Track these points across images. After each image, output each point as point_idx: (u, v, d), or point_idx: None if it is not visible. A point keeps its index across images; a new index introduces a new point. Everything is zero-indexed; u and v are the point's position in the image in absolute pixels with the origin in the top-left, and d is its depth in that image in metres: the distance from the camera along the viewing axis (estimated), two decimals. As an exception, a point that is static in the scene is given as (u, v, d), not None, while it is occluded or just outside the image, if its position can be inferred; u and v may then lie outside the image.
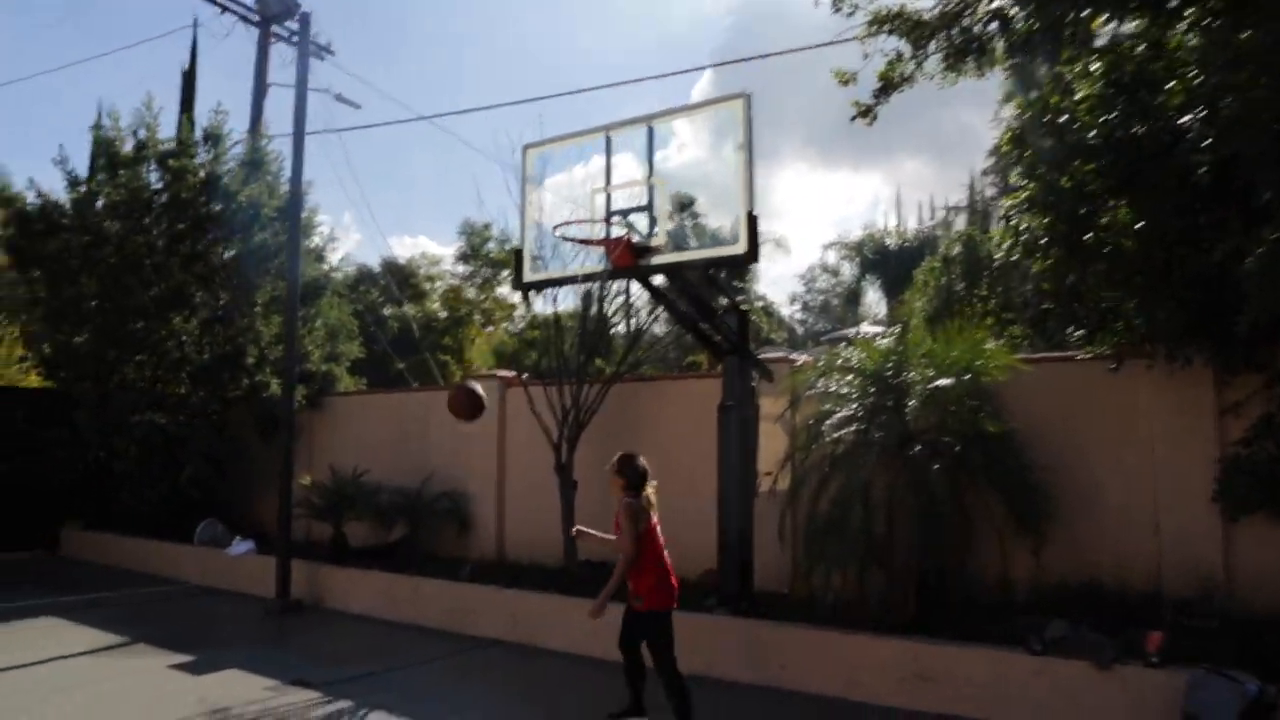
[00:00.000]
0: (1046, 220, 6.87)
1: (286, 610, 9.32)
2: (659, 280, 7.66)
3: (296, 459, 12.95)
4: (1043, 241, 6.96)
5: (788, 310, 37.33)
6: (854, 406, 7.40)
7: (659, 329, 14.69)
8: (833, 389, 7.53)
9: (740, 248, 6.38)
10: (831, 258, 38.08)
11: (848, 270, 37.59)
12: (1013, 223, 7.37)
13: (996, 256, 11.06)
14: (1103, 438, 7.56)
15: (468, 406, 7.28)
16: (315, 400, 12.91)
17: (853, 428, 7.33)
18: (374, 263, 29.54)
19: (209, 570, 11.01)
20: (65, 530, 13.29)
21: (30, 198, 12.66)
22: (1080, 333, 6.90)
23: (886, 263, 34.21)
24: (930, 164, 60.16)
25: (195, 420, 12.16)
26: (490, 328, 30.52)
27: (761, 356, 8.66)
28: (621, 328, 9.79)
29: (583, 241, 6.86)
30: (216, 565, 10.92)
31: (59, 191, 12.90)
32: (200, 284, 12.62)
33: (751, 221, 6.42)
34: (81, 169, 13.06)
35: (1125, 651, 5.79)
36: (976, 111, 59.06)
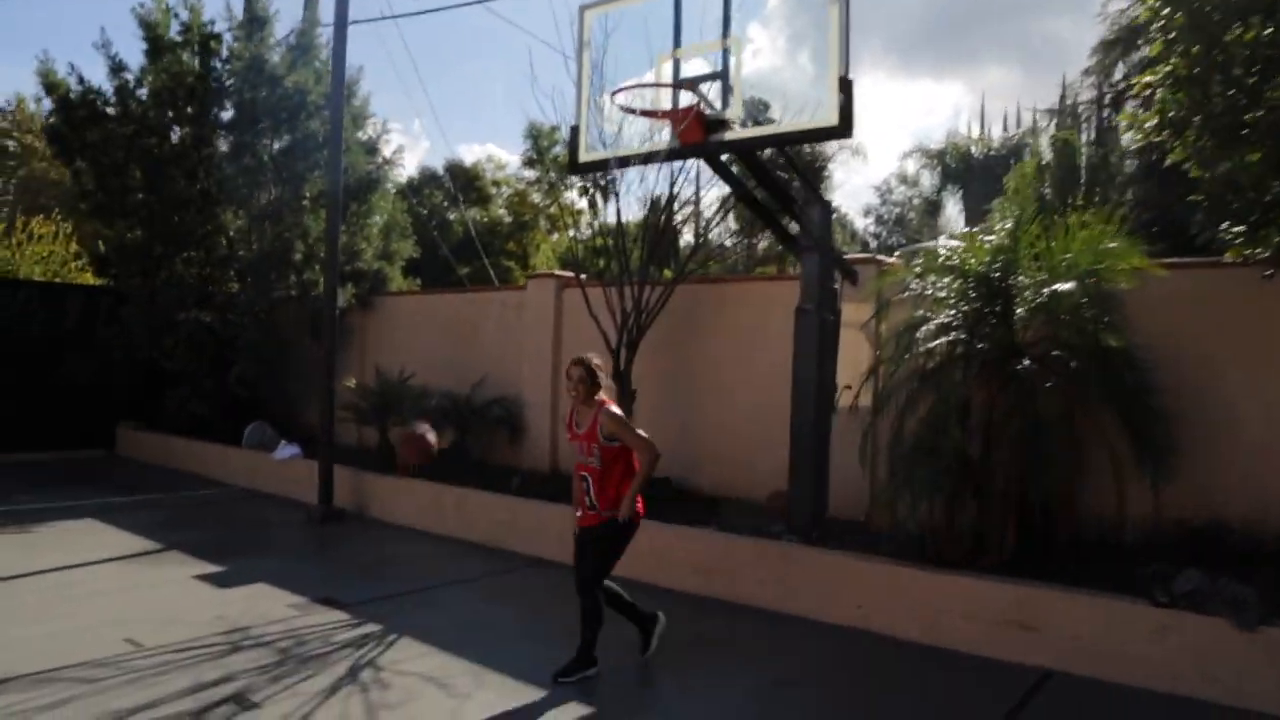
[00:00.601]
0: (1194, 96, 5.68)
1: (328, 519, 8.88)
2: (729, 163, 6.67)
3: (347, 361, 12.53)
4: (1195, 120, 5.77)
5: (861, 223, 35.65)
6: (952, 313, 6.41)
7: (727, 229, 13.64)
8: (928, 292, 6.53)
9: (831, 118, 5.33)
10: (910, 167, 36.05)
11: (927, 180, 35.61)
12: (1156, 101, 6.15)
13: (1133, 140, 9.74)
14: (1244, 359, 6.46)
15: (415, 454, 6.31)
16: (366, 300, 12.34)
17: (950, 337, 6.35)
18: (439, 168, 28.86)
19: (256, 474, 10.66)
20: (121, 430, 13.14)
21: (72, 84, 12.07)
22: (1237, 228, 5.74)
23: (970, 173, 32.23)
24: (1016, 73, 56.46)
25: (243, 319, 11.70)
26: (556, 234, 29.75)
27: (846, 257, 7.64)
28: (687, 233, 8.86)
29: (644, 114, 5.88)
30: (263, 469, 10.56)
31: (102, 79, 12.34)
32: (248, 176, 12.01)
33: (845, 88, 5.35)
34: (129, 56, 12.44)
35: (1275, 611, 4.86)
36: (1066, 19, 54.84)
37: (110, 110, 12.15)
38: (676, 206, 8.64)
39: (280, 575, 6.83)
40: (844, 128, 5.28)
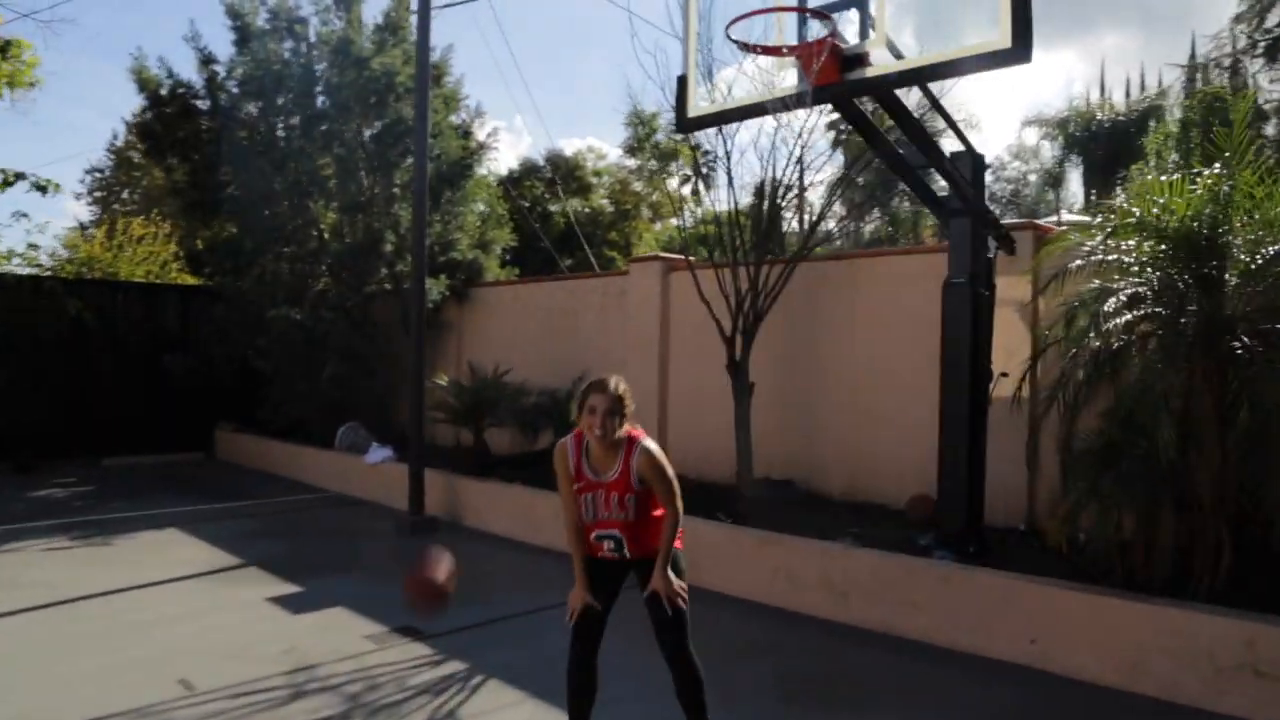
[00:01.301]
0: None
1: (419, 529, 8.20)
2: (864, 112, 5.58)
3: (442, 357, 11.91)
4: None
5: None
6: (1143, 281, 5.19)
7: (835, 213, 12.47)
8: (1112, 258, 5.32)
9: (1002, 40, 4.18)
10: (1030, 137, 33.63)
11: (1048, 151, 33.13)
12: None
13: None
14: None
15: (424, 599, 4.36)
16: (460, 292, 11.70)
17: (1141, 310, 5.14)
18: (539, 159, 28.33)
19: (349, 478, 10.12)
20: (219, 433, 12.90)
21: (163, 79, 11.80)
22: None
23: (1095, 141, 29.81)
24: (1136, 37, 52.45)
25: (335, 316, 11.19)
26: (659, 223, 28.87)
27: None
28: (791, 221, 7.71)
29: (765, 51, 4.84)
30: (355, 473, 10.00)
31: (193, 73, 12.04)
32: (338, 165, 11.51)
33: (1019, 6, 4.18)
34: (218, 48, 12.10)
35: None
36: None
37: (200, 104, 11.86)
38: (787, 184, 7.57)
39: (360, 598, 6.12)
40: (1021, 48, 4.12)
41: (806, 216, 8.27)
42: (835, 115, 7.74)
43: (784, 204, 7.51)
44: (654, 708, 4.28)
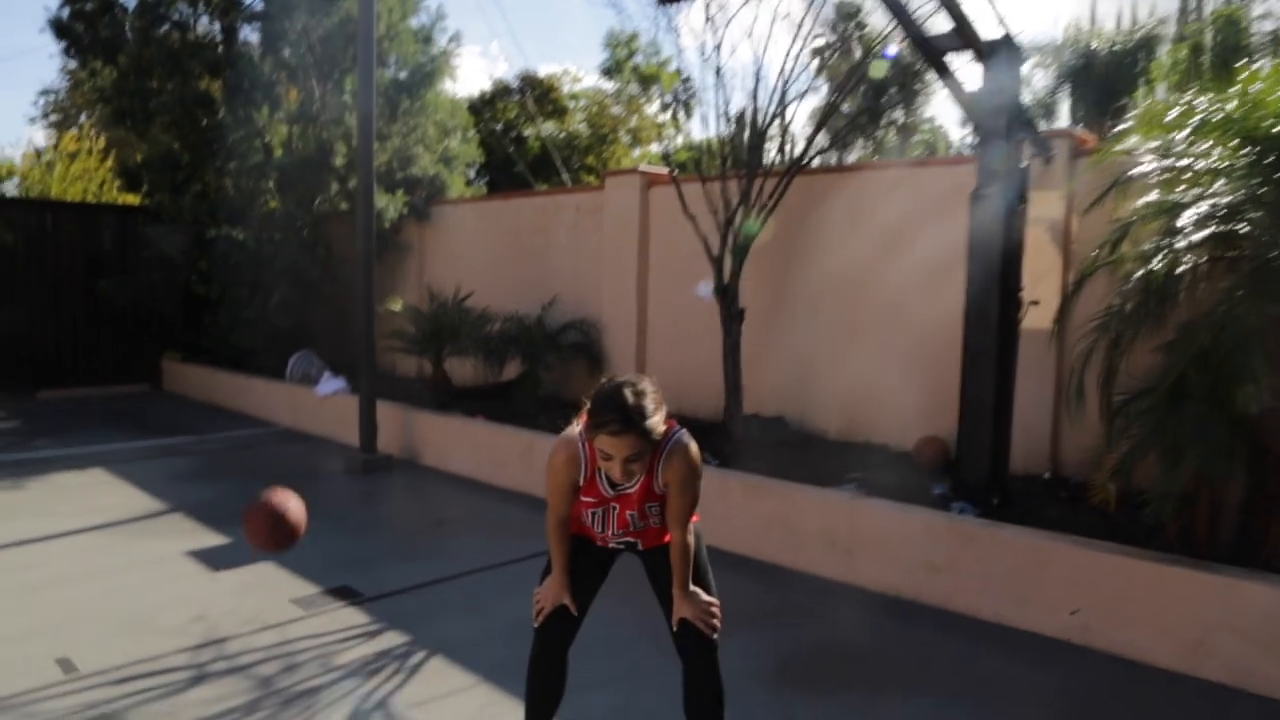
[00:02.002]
0: None
1: (371, 468, 7.41)
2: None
3: (404, 281, 10.99)
4: None
5: (957, 135, 32.34)
6: (1230, 190, 4.34)
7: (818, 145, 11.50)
8: (1180, 165, 4.46)
9: None
10: (1023, 67, 32.23)
11: (1040, 81, 31.88)
12: None
13: None
14: None
15: (269, 535, 3.61)
16: (421, 211, 10.72)
17: (1208, 230, 4.30)
18: (514, 81, 26.91)
19: (299, 411, 9.28)
20: (166, 363, 11.96)
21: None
22: None
23: (1089, 70, 28.64)
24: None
25: (283, 237, 10.21)
26: (638, 149, 27.71)
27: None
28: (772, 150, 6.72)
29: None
30: (306, 406, 9.17)
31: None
32: (283, 70, 10.40)
33: None
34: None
35: None
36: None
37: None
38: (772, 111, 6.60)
39: (295, 550, 5.33)
40: None
41: (791, 143, 7.27)
42: (821, 41, 6.80)
43: (775, 118, 6.56)
44: (651, 691, 3.56)
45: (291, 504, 3.81)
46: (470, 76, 43.10)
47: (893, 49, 7.40)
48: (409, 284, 10.77)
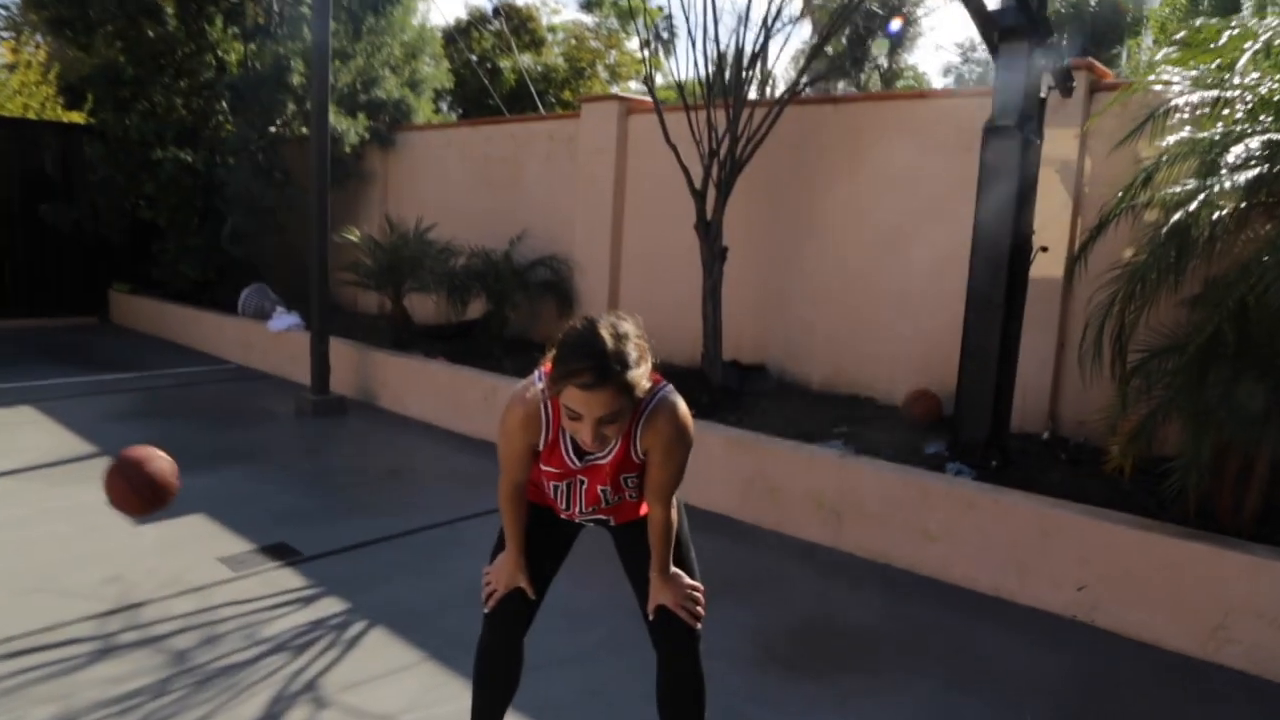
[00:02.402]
0: None
1: (323, 410, 6.92)
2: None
3: (366, 211, 10.36)
4: None
5: (940, 84, 31.57)
6: (1260, 130, 3.88)
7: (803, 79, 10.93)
8: (1225, 95, 3.97)
9: None
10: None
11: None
12: None
13: None
14: None
15: (134, 497, 3.11)
16: (385, 136, 10.06)
17: (1253, 172, 3.83)
18: (489, 9, 25.83)
19: (251, 348, 8.74)
20: (114, 295, 11.30)
21: None
22: None
23: (1080, 19, 27.92)
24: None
25: (235, 161, 9.52)
26: (616, 85, 26.85)
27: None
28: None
29: None
30: (258, 342, 8.63)
31: None
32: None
33: None
34: None
35: None
36: None
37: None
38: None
39: (231, 501, 4.89)
40: None
41: (772, 84, 6.69)
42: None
43: (758, 58, 6.00)
44: (621, 671, 3.16)
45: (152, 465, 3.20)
46: (446, 4, 41.54)
47: (895, 24, 6.86)
48: (372, 215, 10.15)
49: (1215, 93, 3.89)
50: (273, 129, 9.66)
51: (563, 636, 3.45)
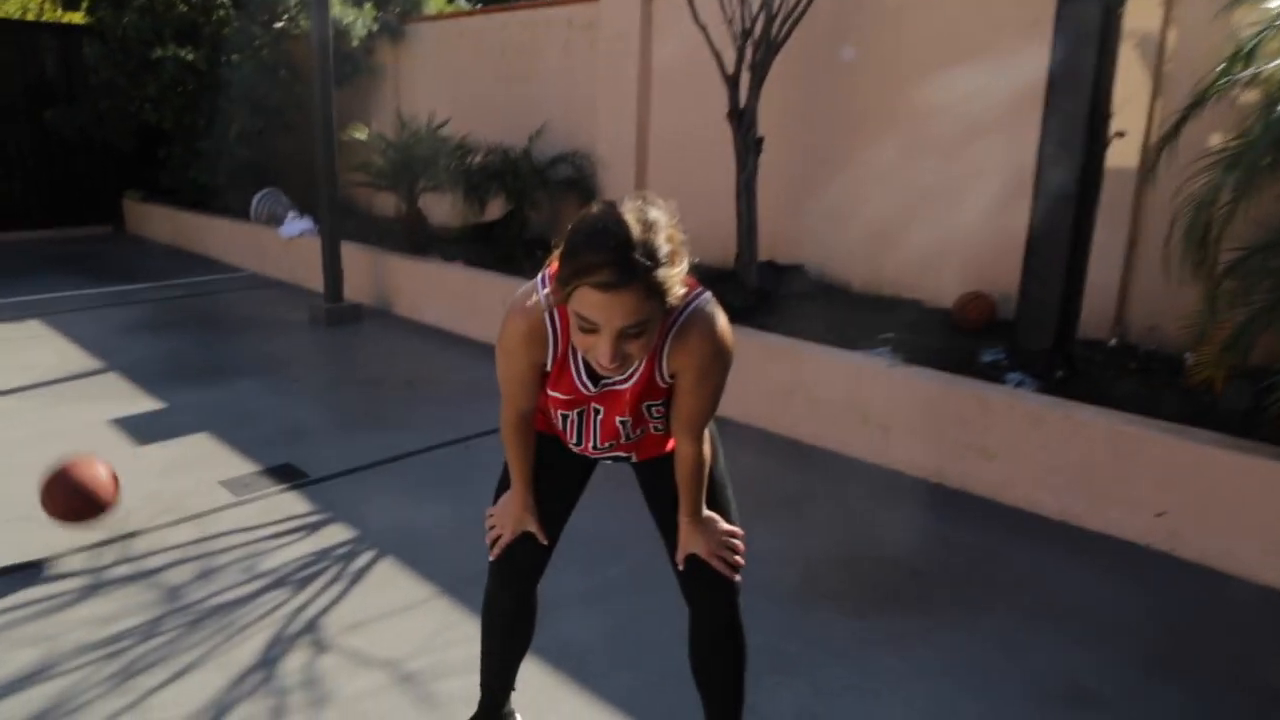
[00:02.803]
0: None
1: (337, 318, 6.62)
2: None
3: (378, 108, 9.84)
4: None
5: None
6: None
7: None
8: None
9: None
10: None
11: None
12: None
13: None
14: None
15: (68, 506, 3.00)
16: (394, 28, 9.46)
17: None
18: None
19: (265, 255, 8.42)
20: (127, 203, 10.96)
21: None
22: None
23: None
24: None
25: (241, 59, 9.01)
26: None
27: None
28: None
29: None
30: (272, 249, 8.30)
31: None
32: None
33: None
34: None
35: None
36: None
37: None
38: None
39: (238, 418, 4.64)
40: None
41: None
42: None
43: None
44: (646, 612, 2.87)
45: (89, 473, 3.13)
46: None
47: None
48: (384, 113, 9.64)
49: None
50: (277, 24, 9.10)
51: (584, 569, 3.17)
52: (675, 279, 1.51)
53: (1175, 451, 3.33)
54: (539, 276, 1.75)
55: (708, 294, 1.73)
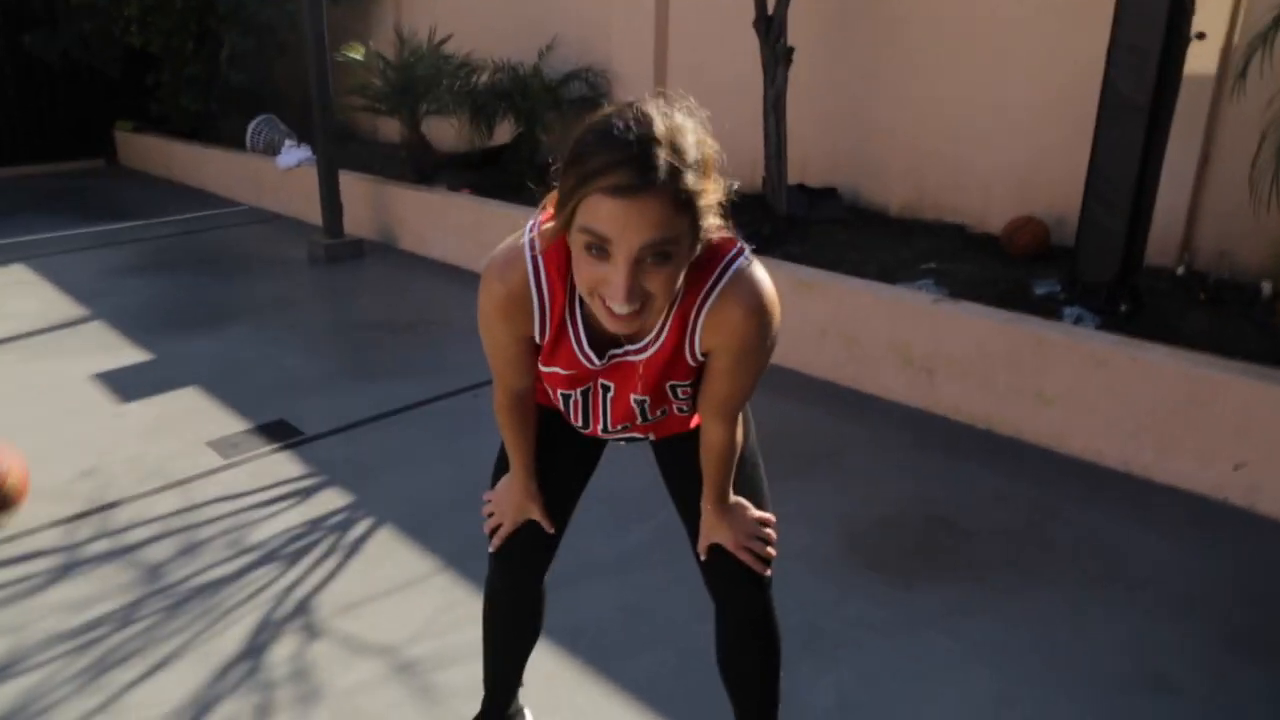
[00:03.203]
0: None
1: (337, 255, 6.27)
2: None
3: (380, 27, 9.33)
4: None
5: None
6: None
7: None
8: None
9: None
10: None
11: None
12: None
13: None
14: None
15: None
16: (391, -64, 8.87)
17: None
18: None
19: (263, 187, 8.03)
20: (119, 134, 10.50)
21: None
22: None
23: None
24: None
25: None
26: None
27: None
28: None
29: None
30: (270, 180, 7.91)
31: None
32: None
33: None
34: None
35: None
36: None
37: None
38: None
39: (229, 370, 4.35)
40: None
41: None
42: None
43: None
44: (670, 584, 2.58)
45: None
46: None
47: None
48: (382, 30, 9.08)
49: None
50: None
51: (602, 535, 2.89)
52: (710, 195, 1.19)
53: (1257, 397, 2.97)
54: (526, 227, 1.40)
55: (747, 253, 1.37)
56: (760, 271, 1.36)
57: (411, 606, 2.59)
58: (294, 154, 7.56)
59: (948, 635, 2.45)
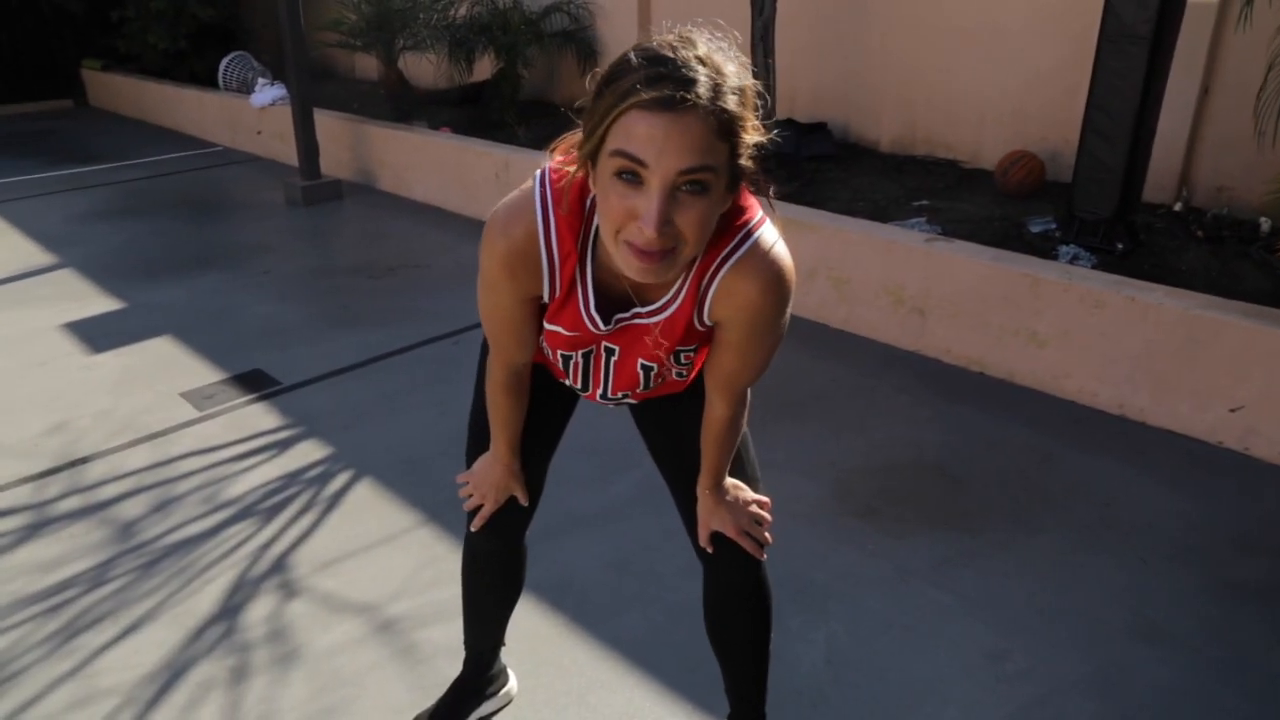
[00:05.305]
0: None
1: (314, 197, 6.10)
2: None
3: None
4: None
5: None
6: None
7: None
8: None
9: None
10: None
11: None
12: None
13: None
14: None
15: None
16: None
17: None
18: None
19: (238, 127, 7.80)
20: (86, 73, 10.16)
21: None
22: None
23: None
24: None
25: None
26: None
27: None
28: None
29: None
30: (245, 120, 7.67)
31: None
32: None
33: None
34: None
35: None
36: None
37: None
38: None
39: (203, 318, 4.23)
40: None
41: None
42: None
43: None
44: (657, 538, 2.52)
45: None
46: None
47: None
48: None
49: None
50: None
51: (586, 486, 2.82)
52: (749, 130, 1.08)
53: (1254, 338, 2.90)
54: (535, 176, 1.28)
55: (768, 222, 1.26)
56: (780, 245, 1.25)
57: (392, 562, 2.53)
58: (268, 92, 7.32)
59: (939, 587, 2.41)
